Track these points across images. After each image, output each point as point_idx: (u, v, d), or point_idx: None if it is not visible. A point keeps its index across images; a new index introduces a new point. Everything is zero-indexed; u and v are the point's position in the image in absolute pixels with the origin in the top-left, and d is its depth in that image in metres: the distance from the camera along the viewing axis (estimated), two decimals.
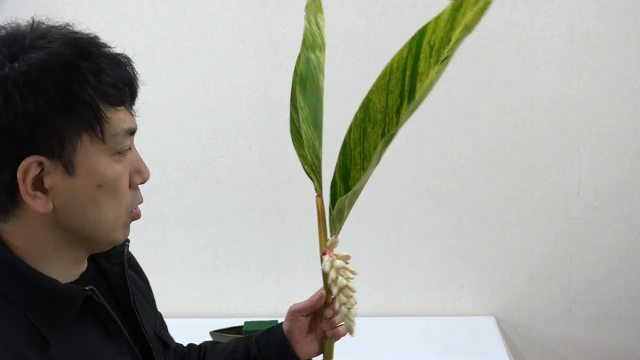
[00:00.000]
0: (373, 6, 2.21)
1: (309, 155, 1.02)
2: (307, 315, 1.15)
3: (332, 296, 0.97)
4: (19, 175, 0.78)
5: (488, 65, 2.16)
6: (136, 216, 0.90)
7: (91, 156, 0.81)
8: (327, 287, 1.03)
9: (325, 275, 0.97)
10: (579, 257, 2.21)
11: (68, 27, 0.87)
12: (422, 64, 0.89)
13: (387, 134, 0.92)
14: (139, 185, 0.91)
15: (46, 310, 0.81)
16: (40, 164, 0.79)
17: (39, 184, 0.80)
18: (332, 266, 0.97)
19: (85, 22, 0.98)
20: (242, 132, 2.29)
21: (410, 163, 2.24)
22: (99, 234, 0.85)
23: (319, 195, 1.00)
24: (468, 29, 0.83)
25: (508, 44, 2.16)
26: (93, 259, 0.96)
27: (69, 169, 0.80)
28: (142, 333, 0.97)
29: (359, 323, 1.02)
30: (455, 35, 0.84)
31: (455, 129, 2.18)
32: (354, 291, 0.96)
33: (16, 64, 0.78)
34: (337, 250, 0.98)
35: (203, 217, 2.28)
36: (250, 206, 2.31)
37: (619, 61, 2.13)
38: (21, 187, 0.79)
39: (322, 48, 1.03)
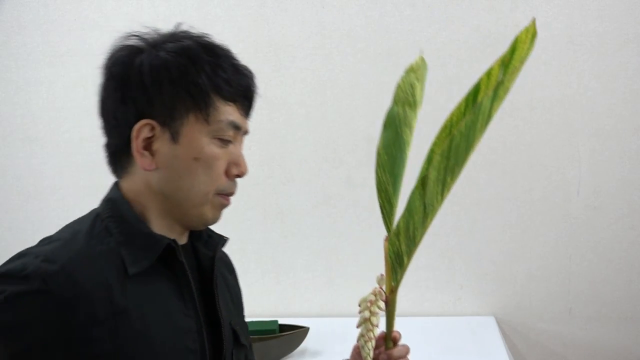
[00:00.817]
0: (373, 6, 2.21)
1: (380, 199, 1.08)
2: None
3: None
4: (133, 133, 0.94)
5: (488, 65, 2.16)
6: (226, 202, 1.01)
7: (195, 132, 0.95)
8: (388, 329, 1.07)
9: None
10: (579, 257, 2.21)
11: (207, 35, 1.02)
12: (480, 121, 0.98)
13: (445, 188, 0.98)
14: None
15: (134, 247, 0.93)
16: (152, 128, 0.94)
17: (148, 146, 0.95)
18: (364, 299, 1.03)
19: (85, 22, 0.98)
20: None
21: (410, 163, 2.24)
22: (188, 203, 0.97)
23: (387, 239, 1.06)
24: (509, 82, 0.97)
25: (508, 44, 2.16)
26: (192, 242, 1.06)
27: (174, 137, 0.95)
28: (216, 312, 1.03)
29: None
30: (501, 93, 0.99)
31: None
32: (374, 325, 1.01)
33: (154, 49, 0.96)
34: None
35: None
36: (250, 206, 2.31)
37: (619, 61, 2.13)
38: (133, 143, 0.95)
39: (412, 105, 1.11)
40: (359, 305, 1.02)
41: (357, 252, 2.29)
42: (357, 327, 1.02)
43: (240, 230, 2.30)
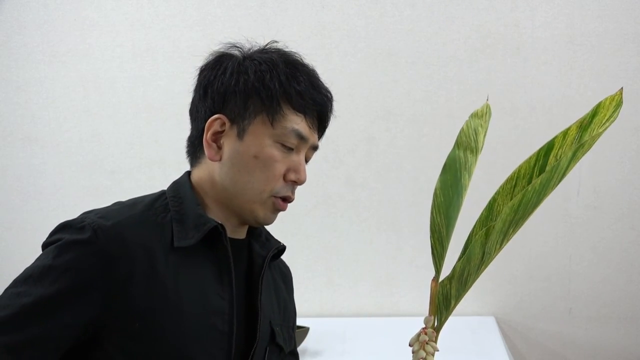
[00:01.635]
0: (373, 6, 2.21)
1: (432, 240, 1.10)
2: None
3: None
4: (206, 125, 1.05)
5: (488, 65, 2.16)
6: (279, 205, 1.06)
7: (259, 132, 1.03)
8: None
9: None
10: (579, 257, 2.21)
11: (296, 53, 1.15)
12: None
13: (505, 239, 1.01)
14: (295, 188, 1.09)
15: (185, 225, 1.02)
16: (223, 123, 1.04)
17: (217, 139, 1.05)
18: (417, 340, 1.04)
19: (85, 22, 0.99)
20: None
21: (411, 163, 2.24)
22: (243, 197, 1.04)
23: (434, 279, 1.07)
24: (589, 145, 0.98)
25: (508, 44, 2.16)
26: (249, 240, 1.12)
27: (240, 134, 1.04)
28: (256, 306, 1.08)
29: (359, 323, 1.03)
30: (579, 155, 0.99)
31: (455, 129, 2.18)
32: None
33: (242, 58, 1.09)
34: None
35: None
36: None
37: (619, 61, 2.13)
38: (204, 134, 1.05)
39: (473, 150, 1.13)
40: (411, 345, 1.04)
41: (357, 252, 2.29)
42: None
43: None
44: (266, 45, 1.15)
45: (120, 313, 0.95)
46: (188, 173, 1.11)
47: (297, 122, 1.05)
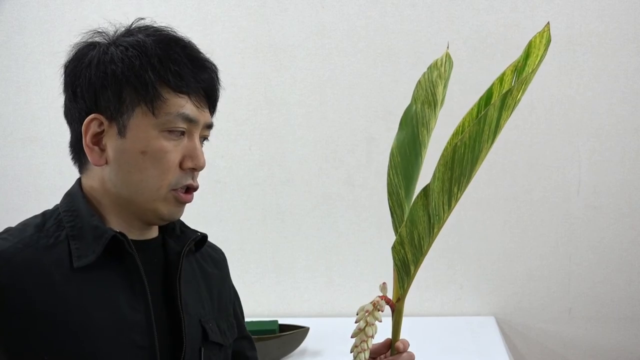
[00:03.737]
0: (373, 6, 2.21)
1: (390, 202, 1.01)
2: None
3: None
4: (83, 128, 0.95)
5: (488, 65, 2.16)
6: (181, 198, 0.97)
7: (142, 125, 0.94)
8: (394, 337, 1.03)
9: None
10: (579, 257, 2.21)
11: (166, 29, 1.03)
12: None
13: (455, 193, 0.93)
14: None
15: (83, 241, 0.94)
16: (100, 123, 0.95)
17: (98, 141, 0.95)
18: (362, 308, 0.98)
19: (85, 22, 0.99)
20: (242, 132, 2.29)
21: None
22: (140, 198, 0.96)
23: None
24: (517, 91, 0.90)
25: (508, 44, 2.16)
26: (163, 237, 1.05)
27: (121, 131, 0.94)
28: (178, 309, 1.00)
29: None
30: (510, 102, 0.92)
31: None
32: (369, 337, 0.97)
33: (109, 46, 0.97)
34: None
35: (203, 217, 2.28)
36: (250, 206, 2.31)
37: (619, 61, 2.13)
38: (83, 139, 0.95)
39: (432, 104, 1.05)
40: (357, 314, 0.98)
41: (357, 252, 2.29)
42: (352, 337, 0.98)
43: (240, 230, 2.30)
44: (131, 25, 1.04)
45: (23, 349, 0.88)
46: (79, 181, 1.01)
47: (182, 105, 0.95)
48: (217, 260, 1.17)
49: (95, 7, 2.28)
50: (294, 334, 1.92)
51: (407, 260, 0.97)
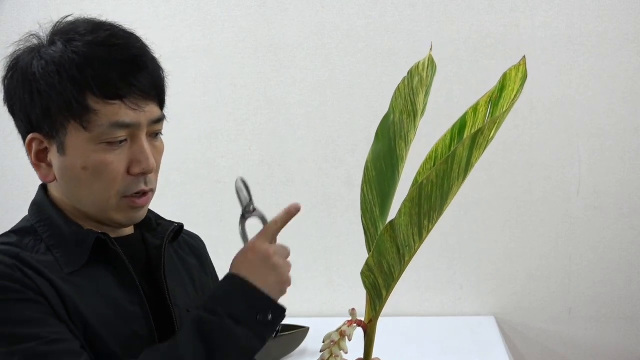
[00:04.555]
0: (373, 6, 2.21)
1: (364, 220, 0.95)
2: None
3: None
4: (26, 147, 0.95)
5: (488, 65, 2.16)
6: (135, 204, 0.95)
7: (78, 141, 0.90)
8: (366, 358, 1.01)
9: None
10: (579, 257, 2.21)
11: (98, 26, 0.99)
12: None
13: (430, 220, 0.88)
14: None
15: (67, 248, 0.93)
16: (41, 142, 0.93)
17: (44, 158, 0.94)
18: (328, 336, 0.98)
19: None
20: (242, 132, 2.28)
21: (410, 163, 2.24)
22: (93, 210, 0.95)
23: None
24: (490, 130, 0.86)
25: (508, 44, 2.16)
26: (142, 232, 1.04)
27: (60, 149, 0.92)
28: (167, 301, 1.00)
29: None
30: (481, 141, 0.87)
31: None
32: None
33: (29, 61, 0.92)
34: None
35: (203, 217, 2.28)
36: None
37: (619, 61, 2.13)
38: (28, 157, 0.95)
39: (411, 114, 0.96)
40: (323, 342, 0.96)
41: (357, 252, 2.28)
42: None
43: None
44: (55, 28, 0.99)
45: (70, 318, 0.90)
46: (43, 189, 0.99)
47: (115, 113, 0.89)
48: (194, 247, 1.16)
49: (95, 7, 2.27)
50: (294, 334, 1.92)
51: (378, 285, 0.93)
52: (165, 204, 2.31)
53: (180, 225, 1.09)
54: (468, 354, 1.93)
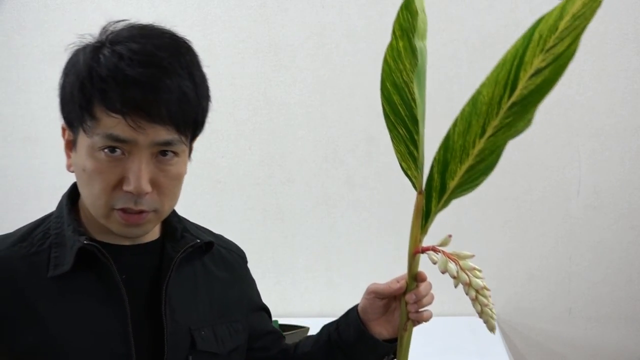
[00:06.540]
0: (373, 6, 2.21)
1: (407, 151, 1.01)
2: (383, 299, 1.15)
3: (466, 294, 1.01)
4: (62, 132, 0.98)
5: (488, 65, 2.15)
6: (120, 218, 0.93)
7: (83, 143, 0.93)
8: (411, 275, 1.05)
9: (443, 272, 1.00)
10: (579, 257, 2.21)
11: (113, 45, 0.96)
12: (528, 53, 0.89)
13: (487, 126, 0.93)
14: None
15: (64, 249, 0.95)
16: (69, 133, 0.96)
17: (71, 148, 0.96)
18: (461, 268, 0.98)
19: (85, 22, 0.99)
20: (242, 132, 2.29)
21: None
22: (93, 212, 0.95)
23: (420, 192, 1.02)
24: (576, 18, 0.84)
25: (508, 44, 2.15)
26: (163, 241, 1.03)
27: (74, 145, 0.95)
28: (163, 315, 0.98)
29: None
30: (562, 24, 0.86)
31: None
32: (489, 290, 0.97)
33: (79, 55, 0.96)
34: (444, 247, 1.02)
35: (203, 217, 2.27)
36: (250, 206, 2.31)
37: (619, 61, 2.13)
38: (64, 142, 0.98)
39: (424, 36, 1.00)
40: (456, 277, 0.98)
41: (357, 252, 2.29)
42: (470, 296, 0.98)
43: (240, 230, 2.30)
44: (104, 29, 1.04)
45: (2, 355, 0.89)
46: (74, 184, 1.00)
47: (112, 126, 0.89)
48: (229, 262, 1.15)
49: (95, 7, 2.28)
50: (294, 334, 1.92)
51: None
52: None
53: (205, 243, 1.07)
54: (468, 354, 1.93)
